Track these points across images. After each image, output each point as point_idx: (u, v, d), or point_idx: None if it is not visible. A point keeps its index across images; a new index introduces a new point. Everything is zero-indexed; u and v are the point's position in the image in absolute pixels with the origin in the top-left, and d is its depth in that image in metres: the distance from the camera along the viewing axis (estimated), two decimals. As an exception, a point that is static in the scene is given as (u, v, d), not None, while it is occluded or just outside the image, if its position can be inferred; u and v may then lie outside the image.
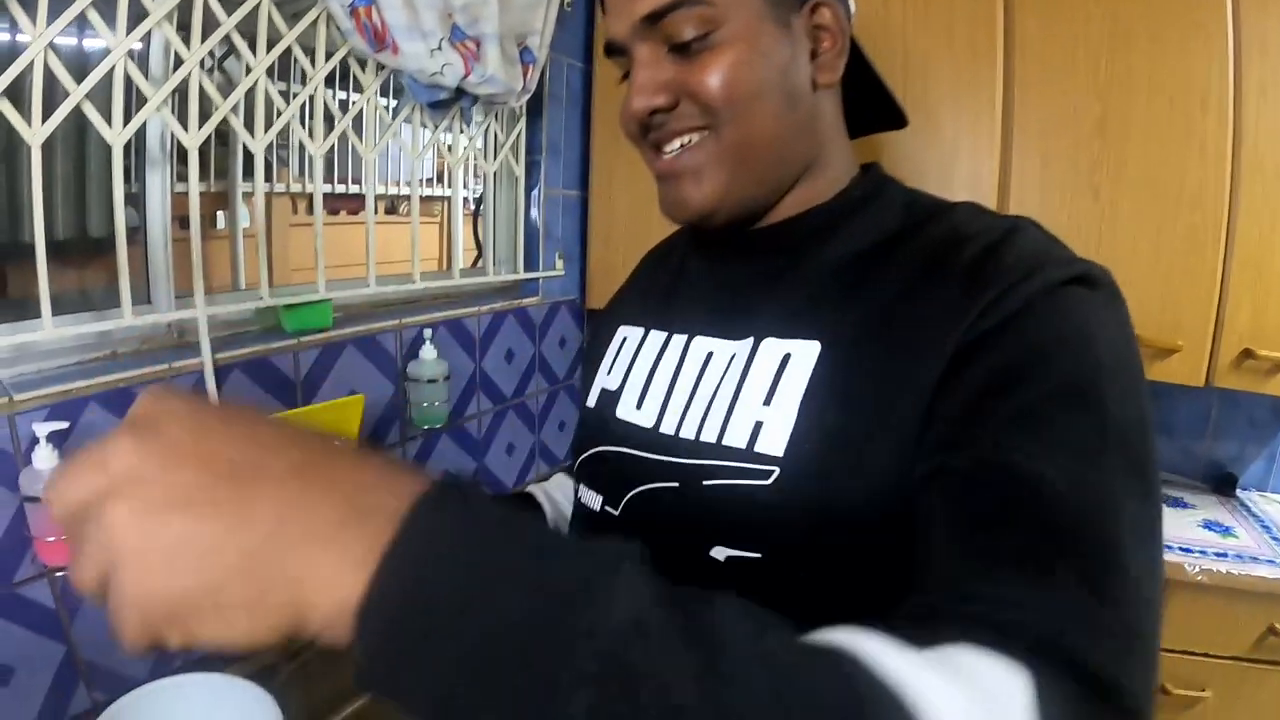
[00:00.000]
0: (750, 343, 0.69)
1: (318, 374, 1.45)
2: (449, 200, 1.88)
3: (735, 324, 0.73)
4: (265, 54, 1.26)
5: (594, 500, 0.79)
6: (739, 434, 0.66)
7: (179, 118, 1.17)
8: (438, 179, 2.55)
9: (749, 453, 0.64)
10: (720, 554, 0.65)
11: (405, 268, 1.71)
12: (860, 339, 0.63)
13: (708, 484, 0.67)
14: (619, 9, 0.69)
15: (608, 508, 0.77)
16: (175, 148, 1.26)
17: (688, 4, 0.65)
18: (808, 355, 0.65)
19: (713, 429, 0.68)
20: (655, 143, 0.72)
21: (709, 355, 0.73)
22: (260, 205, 1.34)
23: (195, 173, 1.20)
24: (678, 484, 0.70)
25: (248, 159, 1.52)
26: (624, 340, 0.86)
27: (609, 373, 0.85)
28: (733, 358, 0.70)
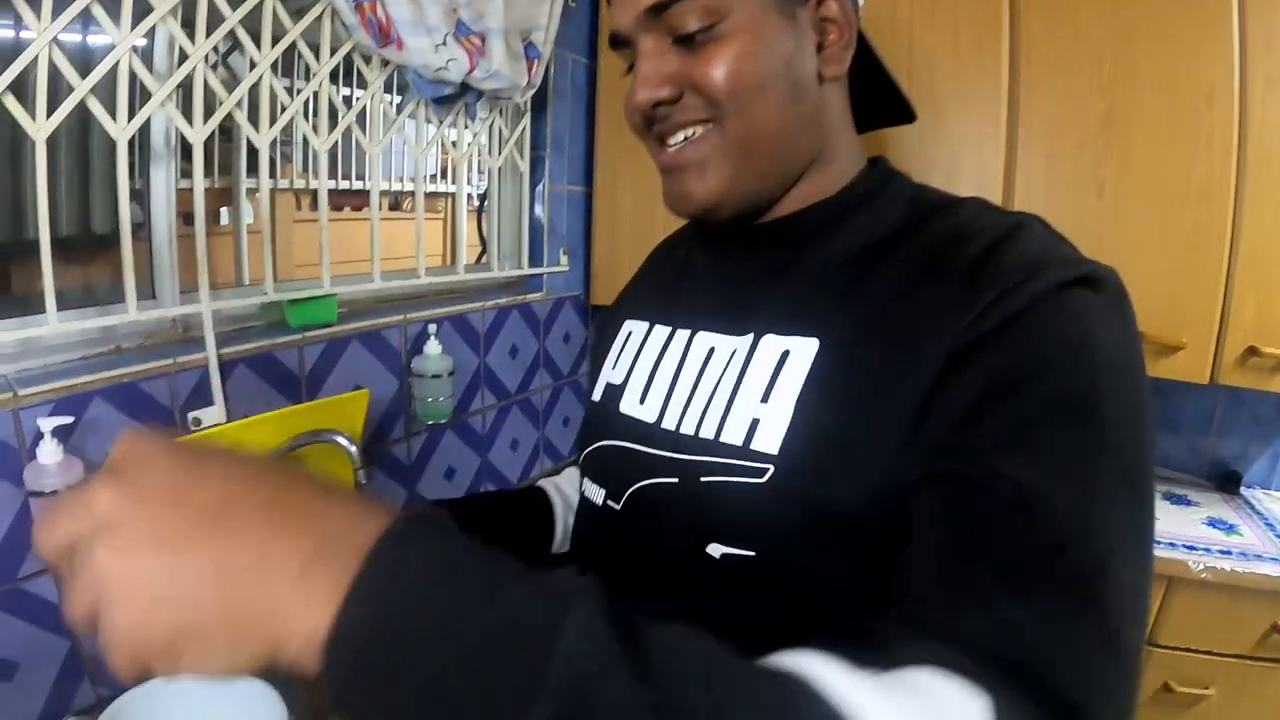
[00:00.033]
0: (750, 339, 0.69)
1: (323, 369, 1.45)
2: (453, 196, 1.88)
3: (737, 320, 0.72)
4: (270, 49, 1.26)
5: (597, 494, 0.80)
6: (736, 431, 0.66)
7: (183, 113, 1.17)
8: (441, 175, 2.55)
9: (745, 450, 0.64)
10: (716, 551, 0.65)
11: (408, 264, 1.71)
12: (859, 337, 0.62)
13: (705, 480, 0.67)
14: (624, 1, 0.68)
15: (610, 502, 0.77)
16: (180, 143, 1.26)
17: None
18: (806, 353, 0.64)
19: (711, 425, 0.68)
20: (659, 135, 0.71)
21: (711, 350, 0.73)
22: (265, 200, 1.34)
23: (200, 168, 1.20)
24: (677, 479, 0.69)
25: (251, 155, 1.53)
26: (629, 334, 0.86)
27: (614, 367, 0.85)
28: (733, 353, 0.70)
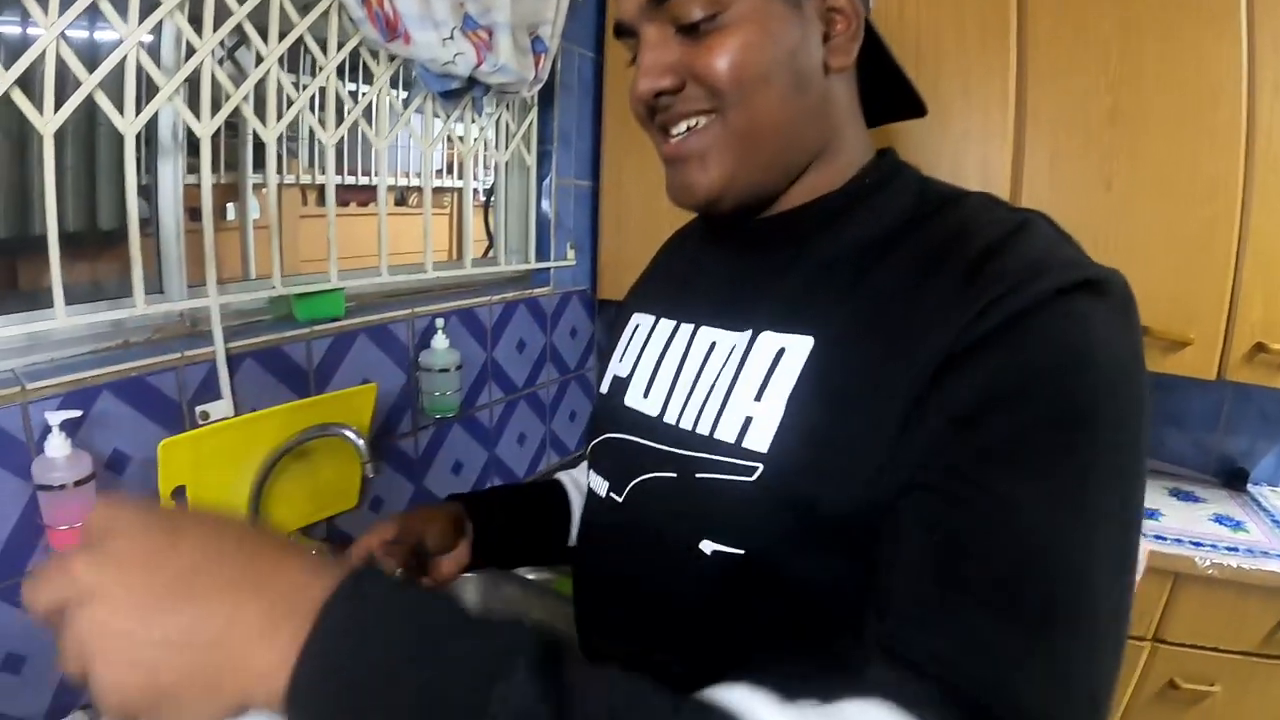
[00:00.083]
0: (749, 335, 0.68)
1: (330, 363, 1.46)
2: (459, 192, 1.88)
3: (738, 315, 0.72)
4: (277, 44, 1.26)
5: (601, 486, 0.80)
6: (730, 428, 0.65)
7: (190, 108, 1.18)
8: (447, 170, 2.55)
9: (737, 448, 0.64)
10: (708, 547, 0.65)
11: (414, 259, 1.72)
12: (855, 336, 0.61)
13: (699, 476, 0.66)
14: None
15: (613, 494, 0.77)
16: (186, 139, 1.26)
17: None
18: (800, 351, 0.63)
19: (707, 421, 0.68)
20: (662, 125, 0.70)
21: (712, 345, 0.72)
22: (273, 195, 1.34)
23: (208, 162, 1.20)
24: (675, 475, 0.69)
25: (257, 151, 1.53)
26: (636, 327, 0.85)
27: (620, 360, 0.85)
28: (732, 349, 0.69)
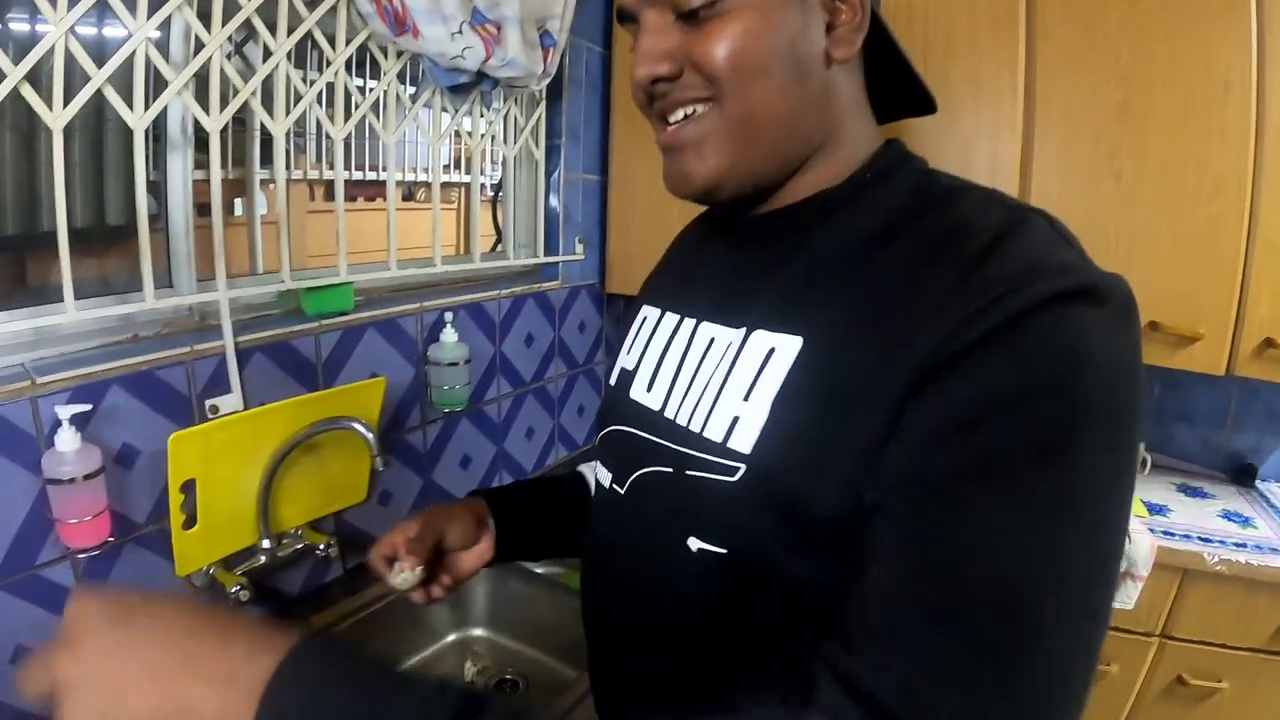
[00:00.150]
0: (743, 333, 0.67)
1: (339, 357, 1.46)
2: (467, 186, 1.88)
3: (735, 312, 0.71)
4: (285, 38, 1.27)
5: (605, 478, 0.80)
6: (718, 427, 0.65)
7: (199, 103, 1.18)
8: (455, 165, 2.55)
9: (723, 447, 0.64)
10: (694, 545, 0.65)
11: (422, 253, 1.72)
12: (843, 336, 0.60)
13: (689, 473, 0.66)
14: None
15: (615, 486, 0.78)
16: (195, 134, 1.26)
17: None
18: (789, 351, 0.62)
19: (700, 418, 0.67)
20: (660, 113, 0.70)
21: (711, 341, 0.72)
22: (282, 189, 1.34)
23: (217, 157, 1.21)
24: (671, 469, 0.69)
25: (265, 146, 1.53)
26: (643, 320, 0.85)
27: (628, 353, 0.85)
28: (728, 347, 0.69)
